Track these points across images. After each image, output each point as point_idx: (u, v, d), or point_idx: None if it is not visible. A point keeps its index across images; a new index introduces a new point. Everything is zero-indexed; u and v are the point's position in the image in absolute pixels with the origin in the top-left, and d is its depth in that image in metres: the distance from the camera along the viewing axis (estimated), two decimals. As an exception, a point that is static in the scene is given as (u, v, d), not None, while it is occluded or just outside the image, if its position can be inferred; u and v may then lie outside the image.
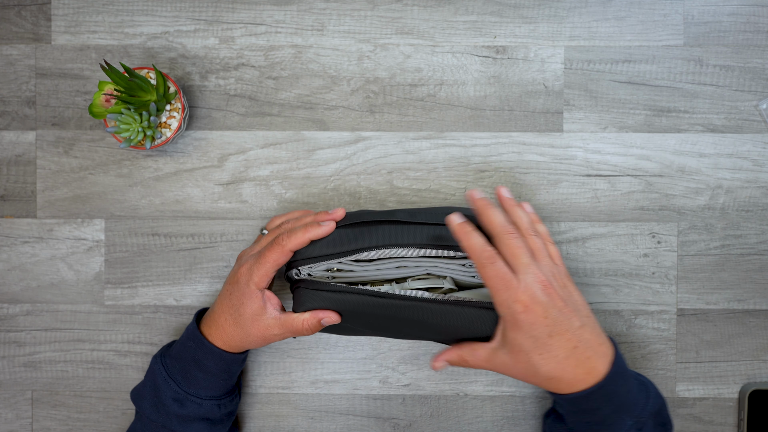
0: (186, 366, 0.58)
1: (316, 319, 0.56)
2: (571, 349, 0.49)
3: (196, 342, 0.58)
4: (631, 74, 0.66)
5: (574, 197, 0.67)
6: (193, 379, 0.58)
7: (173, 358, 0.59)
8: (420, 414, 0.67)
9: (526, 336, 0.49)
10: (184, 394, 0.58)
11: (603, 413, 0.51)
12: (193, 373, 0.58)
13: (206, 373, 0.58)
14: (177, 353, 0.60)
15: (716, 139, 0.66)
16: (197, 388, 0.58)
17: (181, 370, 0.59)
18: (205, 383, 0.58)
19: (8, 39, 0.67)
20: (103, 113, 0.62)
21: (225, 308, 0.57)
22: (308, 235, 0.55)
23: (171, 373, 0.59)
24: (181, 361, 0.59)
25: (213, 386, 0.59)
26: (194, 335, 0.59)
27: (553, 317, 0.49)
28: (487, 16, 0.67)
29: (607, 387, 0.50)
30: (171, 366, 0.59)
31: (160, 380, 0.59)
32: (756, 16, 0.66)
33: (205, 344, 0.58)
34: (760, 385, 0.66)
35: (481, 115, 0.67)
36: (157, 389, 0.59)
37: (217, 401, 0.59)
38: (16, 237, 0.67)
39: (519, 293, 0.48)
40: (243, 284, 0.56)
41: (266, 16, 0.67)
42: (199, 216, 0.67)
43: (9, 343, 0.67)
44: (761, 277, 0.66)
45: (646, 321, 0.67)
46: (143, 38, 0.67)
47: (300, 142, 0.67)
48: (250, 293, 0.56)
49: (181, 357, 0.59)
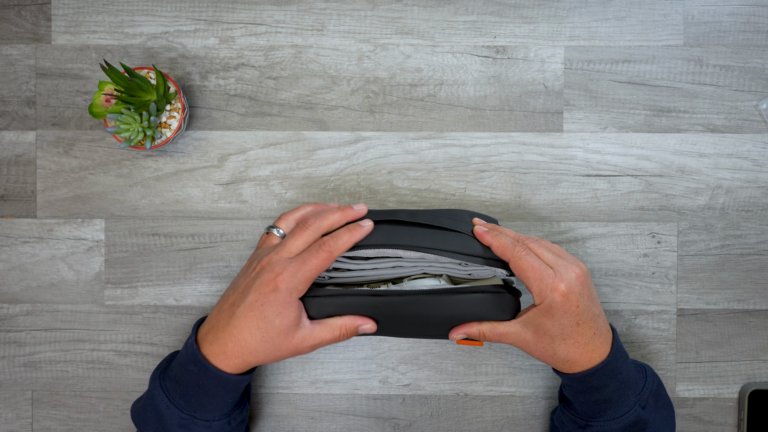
0: (189, 391, 0.53)
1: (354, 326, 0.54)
2: (591, 336, 0.53)
3: (198, 367, 0.52)
4: (631, 74, 0.66)
5: (574, 197, 0.67)
6: (199, 403, 0.53)
7: (174, 381, 0.54)
8: (420, 414, 0.67)
9: (556, 323, 0.52)
10: (190, 419, 0.53)
11: (609, 390, 0.54)
12: (198, 398, 0.53)
13: (212, 398, 0.53)
14: (177, 376, 0.54)
15: (716, 139, 0.66)
16: (204, 412, 0.54)
17: (184, 395, 0.53)
18: (211, 406, 0.54)
19: (8, 39, 0.67)
20: (103, 113, 0.62)
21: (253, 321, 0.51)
22: (354, 238, 0.54)
23: (173, 398, 0.54)
24: (182, 386, 0.53)
25: (220, 407, 0.54)
26: (195, 358, 0.53)
27: (583, 307, 0.52)
28: (487, 16, 0.67)
29: (611, 364, 0.54)
30: (172, 390, 0.54)
31: (162, 406, 0.54)
32: (756, 16, 0.66)
33: (209, 370, 0.52)
34: (760, 385, 0.66)
35: (481, 115, 0.67)
36: (160, 416, 0.54)
37: (227, 418, 0.55)
38: (16, 237, 0.67)
39: (557, 283, 0.51)
40: (284, 292, 0.51)
41: (266, 16, 0.67)
42: (199, 216, 0.67)
43: (9, 343, 0.67)
44: (761, 277, 0.66)
45: (646, 321, 0.67)
46: (143, 38, 0.67)
47: (300, 142, 0.67)
48: (291, 302, 0.51)
49: (183, 381, 0.53)
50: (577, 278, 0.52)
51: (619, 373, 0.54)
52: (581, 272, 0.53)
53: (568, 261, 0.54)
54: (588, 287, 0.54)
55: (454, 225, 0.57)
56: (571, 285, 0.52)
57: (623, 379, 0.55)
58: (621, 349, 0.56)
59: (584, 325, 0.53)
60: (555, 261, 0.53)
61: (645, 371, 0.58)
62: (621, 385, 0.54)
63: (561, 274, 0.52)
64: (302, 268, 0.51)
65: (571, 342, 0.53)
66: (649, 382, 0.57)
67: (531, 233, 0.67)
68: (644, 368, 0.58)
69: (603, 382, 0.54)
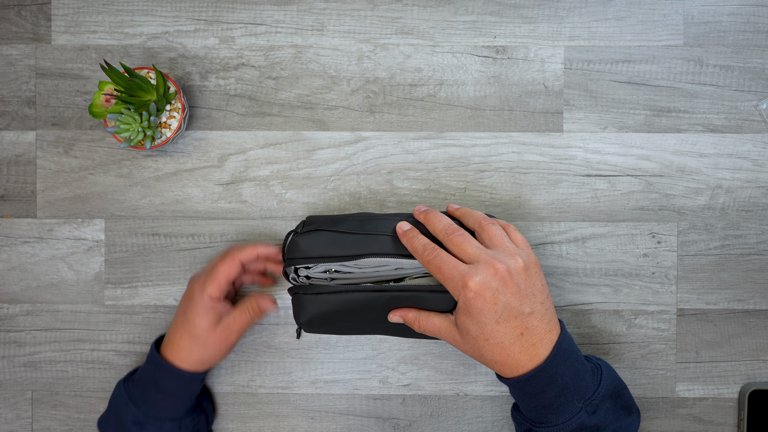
0: (146, 388, 0.60)
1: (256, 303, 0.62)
2: (517, 336, 0.49)
3: (154, 364, 0.60)
4: (631, 74, 0.66)
5: (574, 197, 0.67)
6: (153, 401, 0.60)
7: (135, 383, 0.61)
8: (420, 414, 0.67)
9: (474, 322, 0.49)
10: (144, 417, 0.59)
11: (547, 396, 0.51)
12: (153, 396, 0.60)
13: (165, 394, 0.59)
14: (138, 377, 0.61)
15: (716, 139, 0.66)
16: (157, 410, 0.60)
17: (142, 393, 0.60)
18: (164, 404, 0.60)
19: (8, 39, 0.67)
20: (103, 113, 0.62)
21: (179, 324, 0.60)
22: (257, 250, 0.61)
23: (132, 397, 0.60)
24: (141, 385, 0.60)
25: (172, 407, 0.60)
26: (153, 357, 0.60)
27: (503, 303, 0.49)
28: (487, 16, 0.67)
29: (548, 369, 0.50)
30: (132, 390, 0.61)
31: (122, 404, 0.60)
32: (756, 16, 0.66)
33: (162, 364, 0.59)
34: (760, 385, 0.66)
35: (481, 115, 0.67)
36: (119, 413, 0.60)
37: (178, 422, 0.61)
38: (16, 237, 0.67)
39: (468, 280, 0.49)
40: (197, 297, 0.59)
41: (266, 16, 0.67)
42: (199, 216, 0.67)
43: (9, 343, 0.67)
44: (761, 277, 0.66)
45: (646, 321, 0.67)
46: (143, 38, 0.67)
47: (300, 142, 0.67)
48: (204, 304, 0.59)
49: (142, 380, 0.61)
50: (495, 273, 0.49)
51: (560, 378, 0.50)
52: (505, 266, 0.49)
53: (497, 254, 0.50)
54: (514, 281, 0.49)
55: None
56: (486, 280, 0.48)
57: (565, 384, 0.50)
58: (565, 351, 0.51)
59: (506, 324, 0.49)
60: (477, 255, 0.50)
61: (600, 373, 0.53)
62: (563, 390, 0.50)
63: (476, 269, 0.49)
64: (210, 275, 0.59)
65: (493, 342, 0.49)
66: (603, 385, 0.52)
67: (531, 233, 0.67)
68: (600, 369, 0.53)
69: (539, 388, 0.50)
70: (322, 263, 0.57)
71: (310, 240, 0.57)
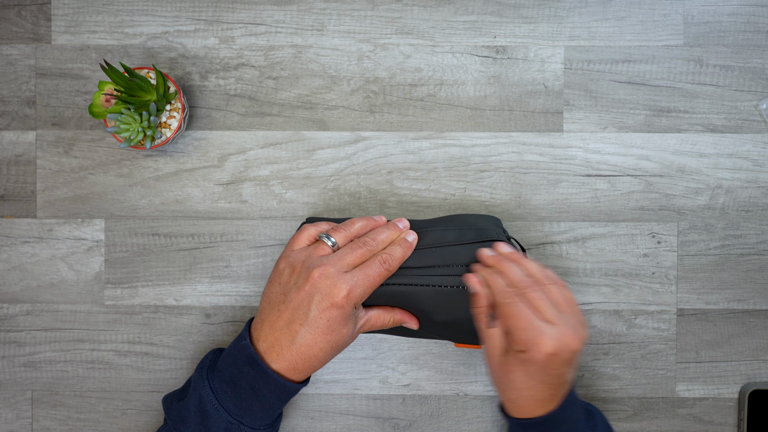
0: (241, 394, 0.53)
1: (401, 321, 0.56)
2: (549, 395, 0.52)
3: (256, 370, 0.52)
4: (631, 74, 0.66)
5: (574, 197, 0.67)
6: (249, 409, 0.53)
7: (225, 383, 0.53)
8: (420, 414, 0.67)
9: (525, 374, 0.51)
10: (237, 425, 0.53)
11: None
12: (249, 403, 0.53)
13: (264, 404, 0.53)
14: (230, 377, 0.53)
15: (716, 139, 0.66)
16: (251, 418, 0.53)
17: (235, 397, 0.53)
18: (262, 413, 0.54)
19: (8, 39, 0.67)
20: (103, 113, 0.62)
21: (321, 336, 0.51)
22: (407, 253, 0.55)
23: (222, 401, 0.53)
24: (235, 388, 0.53)
25: (269, 415, 0.54)
26: (253, 361, 0.52)
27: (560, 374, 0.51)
28: (487, 16, 0.67)
29: (559, 415, 0.52)
30: (221, 391, 0.53)
31: (210, 408, 0.53)
32: (756, 16, 0.66)
33: (268, 374, 0.52)
34: (760, 385, 0.66)
35: (481, 115, 0.67)
36: (206, 417, 0.53)
37: (271, 428, 0.56)
38: (16, 237, 0.67)
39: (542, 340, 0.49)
40: (349, 307, 0.52)
41: (266, 16, 0.67)
42: (199, 216, 0.67)
43: (9, 343, 0.67)
44: (761, 277, 0.66)
45: (646, 321, 0.67)
46: (143, 38, 0.67)
47: (300, 142, 0.67)
48: (353, 313, 0.53)
49: (236, 383, 0.53)
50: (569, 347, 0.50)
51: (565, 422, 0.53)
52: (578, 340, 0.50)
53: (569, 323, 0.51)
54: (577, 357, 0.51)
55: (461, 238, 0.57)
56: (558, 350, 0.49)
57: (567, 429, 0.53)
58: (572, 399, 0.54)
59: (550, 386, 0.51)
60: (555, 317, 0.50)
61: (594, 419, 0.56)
62: None
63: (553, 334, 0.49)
64: (365, 283, 0.52)
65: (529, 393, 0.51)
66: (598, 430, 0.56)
67: (531, 233, 0.67)
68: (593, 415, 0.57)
69: None
70: None
71: None
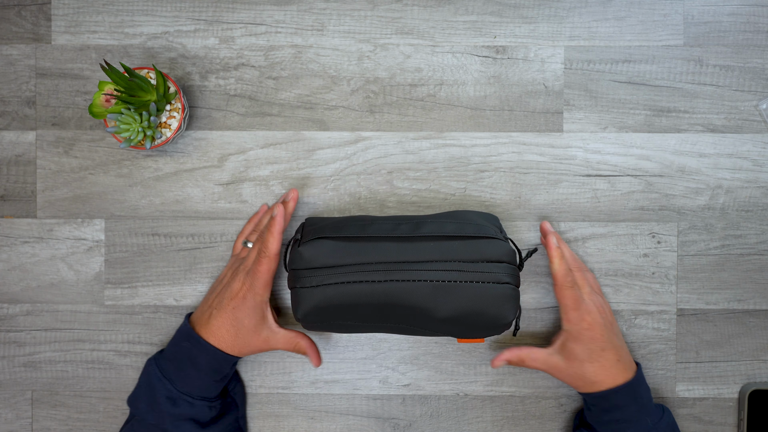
0: (180, 365, 0.61)
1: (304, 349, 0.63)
2: (615, 362, 0.60)
3: (191, 341, 0.61)
4: (631, 74, 0.66)
5: (574, 197, 0.67)
6: (187, 377, 0.61)
7: (167, 360, 0.62)
8: (420, 414, 0.67)
9: (584, 348, 0.60)
10: (177, 393, 0.60)
11: (630, 410, 0.60)
12: (186, 371, 0.61)
13: (199, 371, 0.60)
14: (171, 355, 0.62)
15: (716, 139, 0.66)
16: (190, 387, 0.61)
17: (176, 369, 0.61)
18: (198, 381, 0.61)
19: (8, 39, 0.67)
20: (103, 113, 0.62)
21: (226, 321, 0.60)
22: (275, 234, 0.59)
23: (165, 373, 0.61)
24: (175, 362, 0.61)
25: (205, 386, 0.61)
26: (189, 335, 0.61)
27: (606, 336, 0.60)
28: (487, 16, 0.67)
29: (634, 386, 0.60)
30: (165, 367, 0.62)
31: (155, 380, 0.61)
32: (756, 16, 0.66)
33: (201, 342, 0.60)
34: (760, 385, 0.66)
35: (481, 115, 0.67)
36: (152, 389, 0.61)
37: (209, 402, 0.61)
38: (16, 237, 0.67)
39: (585, 314, 0.60)
40: (249, 299, 0.60)
41: (266, 16, 0.67)
42: (199, 216, 0.67)
43: (9, 343, 0.67)
44: (761, 277, 0.66)
45: (646, 321, 0.67)
46: (143, 38, 0.67)
47: (300, 142, 0.67)
48: (256, 306, 0.60)
49: (176, 357, 0.61)
50: (599, 312, 0.61)
51: (640, 397, 0.60)
52: (605, 309, 0.63)
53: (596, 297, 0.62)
54: (610, 321, 0.62)
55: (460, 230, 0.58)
56: (595, 317, 0.60)
57: (643, 403, 0.60)
58: (644, 380, 0.62)
59: (608, 351, 0.60)
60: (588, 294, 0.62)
61: (663, 408, 0.63)
62: (641, 408, 0.60)
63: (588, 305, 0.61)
64: (255, 278, 0.59)
65: (597, 365, 0.60)
66: (666, 415, 0.62)
67: (531, 233, 0.67)
68: (663, 407, 0.63)
69: (625, 402, 0.60)
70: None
71: (313, 250, 0.57)
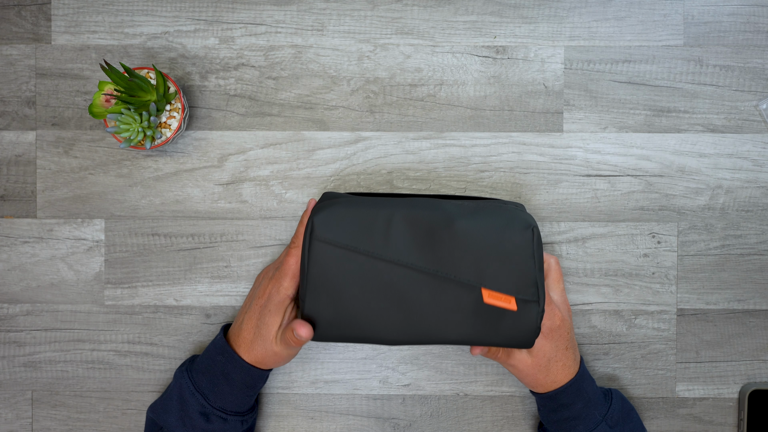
0: (214, 380, 0.60)
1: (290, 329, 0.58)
2: (573, 360, 0.61)
3: (225, 356, 0.60)
4: (631, 74, 0.66)
5: (574, 197, 0.67)
6: (220, 393, 0.59)
7: (200, 373, 0.60)
8: (420, 414, 0.67)
9: (552, 345, 0.60)
10: (210, 409, 0.59)
11: (577, 407, 0.60)
12: (220, 387, 0.59)
13: (232, 387, 0.59)
14: (204, 368, 0.60)
15: (716, 139, 0.66)
16: (224, 403, 0.59)
17: (209, 383, 0.60)
18: (231, 398, 0.60)
19: (8, 39, 0.67)
20: (103, 113, 0.62)
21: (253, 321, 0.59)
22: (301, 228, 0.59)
23: (198, 387, 0.60)
24: (208, 375, 0.60)
25: (238, 402, 0.60)
26: (224, 350, 0.60)
27: (571, 334, 0.61)
28: (487, 16, 0.67)
29: (578, 382, 0.61)
30: (198, 380, 0.60)
31: (188, 394, 0.60)
32: (756, 16, 0.66)
33: (235, 358, 0.59)
34: (760, 385, 0.66)
35: (481, 115, 0.67)
36: (184, 403, 0.59)
37: (241, 417, 0.61)
38: (16, 237, 0.67)
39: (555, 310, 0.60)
40: (274, 295, 0.58)
41: (266, 16, 0.67)
42: (199, 216, 0.67)
43: (9, 343, 0.67)
44: (761, 277, 0.66)
45: (646, 321, 0.67)
46: (143, 38, 0.67)
47: (300, 142, 0.67)
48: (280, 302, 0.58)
49: (209, 371, 0.60)
50: (568, 311, 0.62)
51: (585, 392, 0.61)
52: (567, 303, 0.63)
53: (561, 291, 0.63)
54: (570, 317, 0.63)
55: None
56: (564, 315, 0.61)
57: (589, 398, 0.61)
58: (587, 373, 0.63)
59: (570, 350, 0.61)
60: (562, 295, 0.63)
61: (611, 395, 0.63)
62: (587, 403, 0.60)
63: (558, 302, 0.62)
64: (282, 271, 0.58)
65: (560, 364, 0.60)
66: (614, 403, 0.61)
67: (531, 233, 0.67)
68: (611, 392, 0.63)
69: (571, 400, 0.60)
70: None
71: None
